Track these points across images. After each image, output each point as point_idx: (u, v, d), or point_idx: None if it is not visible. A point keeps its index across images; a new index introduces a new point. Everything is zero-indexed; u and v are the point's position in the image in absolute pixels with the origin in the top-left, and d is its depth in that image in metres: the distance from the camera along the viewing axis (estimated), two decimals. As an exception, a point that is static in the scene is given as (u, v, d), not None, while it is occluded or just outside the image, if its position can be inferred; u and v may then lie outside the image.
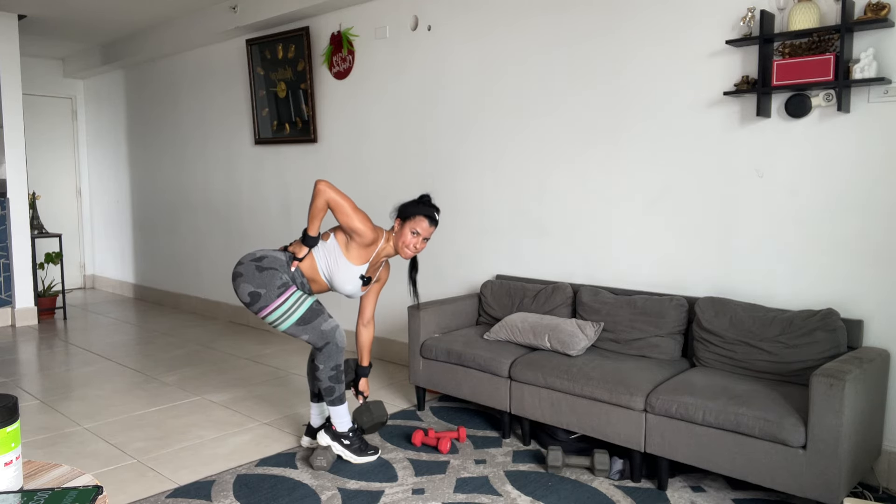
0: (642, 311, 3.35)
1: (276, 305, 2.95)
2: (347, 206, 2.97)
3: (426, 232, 3.12)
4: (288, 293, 2.97)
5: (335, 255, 3.07)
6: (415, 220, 3.11)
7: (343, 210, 2.96)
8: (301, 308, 2.99)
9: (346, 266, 3.07)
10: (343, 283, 3.10)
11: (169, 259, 7.24)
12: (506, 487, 2.88)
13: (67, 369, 4.79)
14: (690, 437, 2.73)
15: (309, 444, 3.30)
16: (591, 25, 3.71)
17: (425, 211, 3.13)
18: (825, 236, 3.01)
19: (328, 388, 3.09)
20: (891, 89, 2.81)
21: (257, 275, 2.97)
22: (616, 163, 3.67)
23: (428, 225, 3.13)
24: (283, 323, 2.98)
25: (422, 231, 3.11)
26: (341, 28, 5.03)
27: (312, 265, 3.09)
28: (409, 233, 3.10)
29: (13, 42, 6.14)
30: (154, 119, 7.25)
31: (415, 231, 3.10)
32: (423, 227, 3.11)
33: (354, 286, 3.13)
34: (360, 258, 3.08)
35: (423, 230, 3.11)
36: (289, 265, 3.05)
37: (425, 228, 3.12)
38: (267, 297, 2.95)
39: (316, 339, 3.02)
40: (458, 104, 4.39)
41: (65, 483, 1.39)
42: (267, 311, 2.96)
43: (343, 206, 2.96)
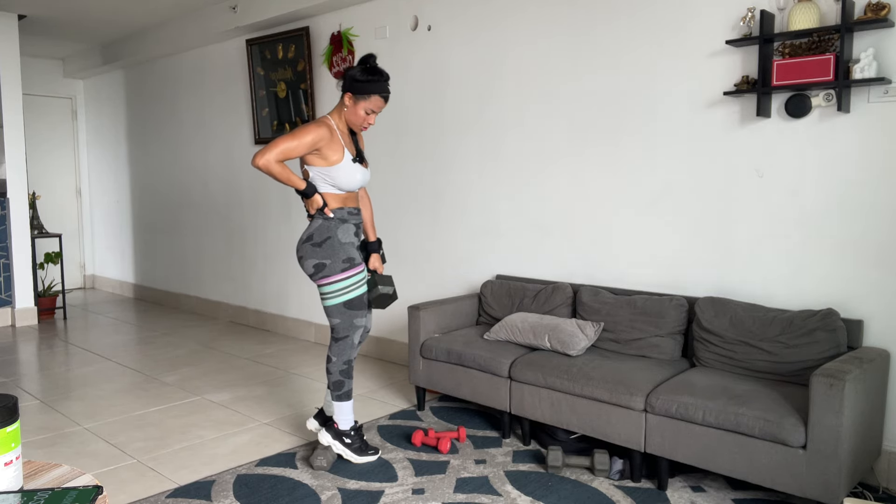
0: (642, 311, 3.35)
1: (338, 279, 2.98)
2: (290, 141, 2.86)
3: (380, 109, 3.00)
4: (353, 271, 3.00)
5: (324, 172, 2.98)
6: (369, 100, 2.95)
7: (291, 147, 2.86)
8: (355, 292, 3.01)
9: (337, 169, 2.98)
10: (350, 178, 3.01)
11: (169, 259, 7.24)
12: (506, 487, 2.89)
13: (67, 369, 4.79)
14: (690, 437, 2.73)
15: (314, 429, 3.26)
16: (590, 25, 3.71)
17: (380, 89, 2.95)
18: (825, 236, 3.01)
19: (338, 381, 3.09)
20: (891, 89, 2.81)
21: (317, 250, 2.98)
22: (616, 163, 3.67)
23: (383, 103, 2.98)
24: (334, 298, 2.99)
25: (377, 109, 2.98)
26: (341, 28, 5.03)
27: (331, 196, 3.01)
28: (362, 111, 2.97)
29: (13, 42, 6.14)
30: (154, 119, 7.25)
31: (369, 110, 2.97)
32: (378, 104, 2.97)
33: (360, 172, 3.04)
34: (336, 152, 2.97)
35: (377, 108, 2.98)
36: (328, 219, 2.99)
37: (380, 106, 2.98)
38: (332, 267, 2.97)
39: (343, 328, 3.04)
40: (457, 104, 4.39)
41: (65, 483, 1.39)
42: (328, 280, 2.98)
43: (287, 145, 2.86)
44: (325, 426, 3.18)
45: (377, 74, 2.96)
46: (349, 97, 2.98)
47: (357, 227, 3.09)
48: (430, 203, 4.60)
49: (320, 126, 2.94)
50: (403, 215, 4.77)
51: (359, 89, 2.95)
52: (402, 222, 4.78)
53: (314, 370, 4.70)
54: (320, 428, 3.24)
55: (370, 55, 2.98)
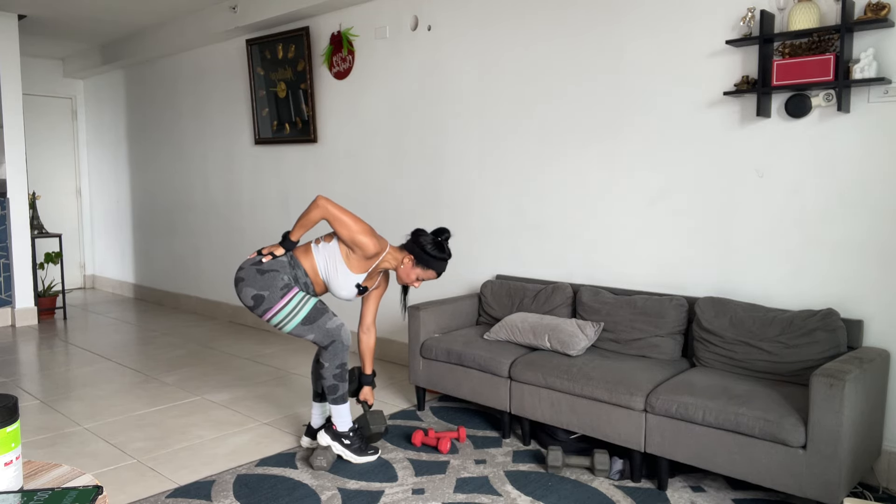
0: (642, 311, 3.35)
1: (280, 307, 2.94)
2: (349, 221, 2.95)
3: (430, 279, 3.15)
4: (291, 294, 2.97)
5: (335, 260, 3.05)
6: (427, 271, 3.10)
7: (345, 224, 2.95)
8: (305, 308, 2.98)
9: (344, 273, 3.06)
10: (339, 288, 3.09)
11: (169, 259, 7.24)
12: (506, 487, 2.88)
13: (67, 369, 4.79)
14: (690, 437, 2.73)
15: (308, 445, 3.30)
16: (590, 26, 3.71)
17: (439, 268, 3.10)
18: (825, 236, 3.01)
19: (332, 385, 3.09)
20: (891, 89, 2.81)
21: (259, 278, 2.96)
22: (616, 163, 3.67)
23: (435, 277, 3.14)
24: (288, 324, 2.97)
25: (427, 279, 3.13)
26: (341, 28, 5.03)
27: (313, 266, 3.08)
28: (415, 276, 3.11)
29: (13, 42, 6.14)
30: (154, 119, 7.24)
31: (421, 278, 3.12)
32: (431, 276, 3.13)
33: (349, 293, 3.12)
34: (359, 268, 3.06)
35: (428, 278, 3.13)
36: (290, 266, 3.03)
37: (431, 278, 3.14)
38: (270, 298, 2.94)
39: (321, 337, 3.02)
40: (457, 104, 4.39)
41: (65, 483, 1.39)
42: (271, 313, 2.95)
43: (344, 220, 2.95)
44: (322, 429, 3.18)
45: (444, 254, 3.08)
46: (410, 259, 3.08)
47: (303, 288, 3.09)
48: (430, 203, 4.60)
49: (376, 245, 3.00)
50: (403, 215, 4.77)
51: (423, 260, 3.07)
52: (402, 222, 4.78)
53: (314, 370, 4.70)
54: (314, 441, 3.26)
55: (445, 230, 3.08)
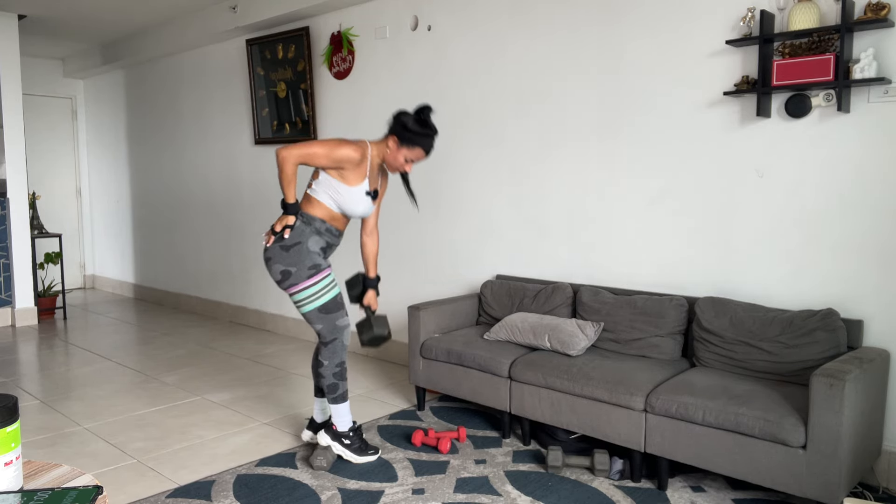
0: (642, 311, 3.35)
1: (306, 286, 2.96)
2: (317, 149, 2.89)
3: (419, 159, 3.05)
4: (320, 276, 2.98)
5: (334, 186, 2.99)
6: (413, 150, 3.00)
7: (318, 155, 2.89)
8: (327, 295, 3.00)
9: (348, 191, 2.99)
10: (355, 205, 3.03)
11: (169, 259, 7.24)
12: (506, 487, 2.88)
13: (67, 369, 4.79)
14: (690, 437, 2.73)
15: (309, 439, 3.29)
16: (590, 26, 3.71)
17: (425, 144, 3.00)
18: (825, 236, 3.01)
19: (332, 385, 3.09)
20: (891, 89, 2.81)
21: (285, 254, 2.97)
22: (616, 163, 3.67)
23: (424, 156, 3.04)
24: (308, 305, 2.99)
25: (416, 159, 3.03)
26: (341, 28, 5.03)
27: (323, 207, 3.03)
28: (402, 157, 3.01)
29: (13, 42, 6.14)
30: (154, 119, 7.25)
31: (409, 159, 3.02)
32: (419, 156, 3.02)
33: (365, 205, 3.05)
34: (356, 178, 2.99)
35: (417, 158, 3.03)
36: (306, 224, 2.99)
37: (420, 158, 3.04)
38: (297, 275, 2.96)
39: (328, 331, 3.03)
40: (457, 104, 4.39)
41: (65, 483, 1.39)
42: (296, 288, 2.97)
43: (315, 152, 2.89)
44: (323, 427, 3.18)
45: (428, 129, 2.99)
46: (394, 141, 3.01)
47: (329, 246, 3.09)
48: (430, 203, 4.60)
49: (357, 149, 2.95)
50: (403, 215, 4.77)
51: (406, 139, 2.98)
52: (403, 222, 4.78)
53: (314, 370, 4.70)
54: (314, 437, 3.26)
55: (427, 107, 2.99)
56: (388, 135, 3.03)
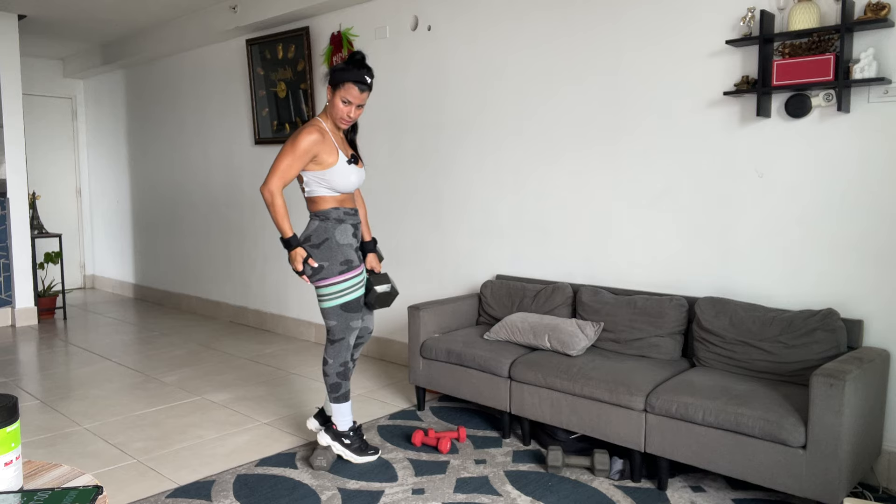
0: (642, 311, 3.35)
1: (335, 281, 2.98)
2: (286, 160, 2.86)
3: (358, 99, 2.93)
4: (350, 274, 3.00)
5: (320, 176, 2.97)
6: (344, 88, 2.90)
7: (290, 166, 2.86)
8: (352, 294, 3.01)
9: (332, 171, 2.96)
10: (345, 180, 2.99)
11: (169, 259, 7.24)
12: (506, 487, 2.88)
13: (67, 369, 4.79)
14: (690, 437, 2.73)
15: (314, 428, 3.26)
16: (590, 25, 3.71)
17: (353, 76, 2.89)
18: (825, 236, 3.01)
19: (335, 384, 3.09)
20: (891, 89, 2.81)
21: (315, 251, 2.98)
22: (616, 163, 3.67)
23: (358, 92, 2.92)
24: (331, 301, 2.99)
25: (353, 99, 2.92)
26: (341, 28, 5.03)
27: (326, 198, 3.01)
28: (339, 103, 2.93)
29: (13, 42, 6.14)
30: (154, 119, 7.24)
31: (345, 100, 2.92)
32: (354, 94, 2.91)
33: (356, 174, 3.03)
34: (330, 154, 2.95)
35: (353, 97, 2.92)
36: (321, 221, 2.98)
37: (356, 95, 2.92)
38: (329, 270, 2.97)
39: (339, 329, 3.04)
40: (457, 104, 4.39)
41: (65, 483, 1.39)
42: (325, 282, 2.98)
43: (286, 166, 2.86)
44: (324, 427, 3.17)
45: (352, 63, 2.93)
46: (328, 90, 2.97)
47: (355, 227, 3.09)
48: (431, 203, 4.60)
49: (311, 132, 2.91)
50: (403, 215, 4.77)
51: (333, 78, 2.94)
52: (403, 222, 4.78)
53: (314, 370, 4.70)
54: (320, 428, 3.24)
55: (358, 51, 2.98)
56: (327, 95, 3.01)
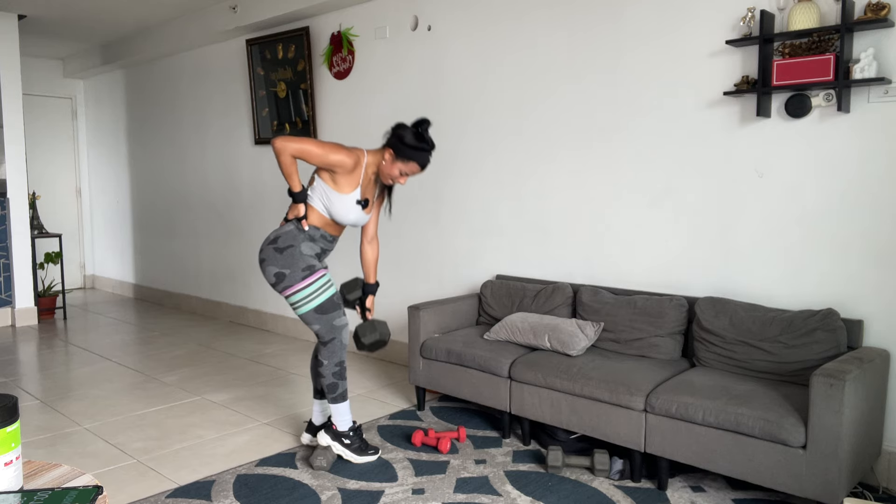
0: (642, 311, 3.35)
1: (301, 287, 2.97)
2: (315, 147, 2.90)
3: (414, 173, 3.05)
4: (314, 277, 2.98)
5: (326, 192, 3.01)
6: (408, 164, 3.00)
7: (312, 153, 2.90)
8: (323, 296, 3.00)
9: (339, 198, 3.00)
10: (344, 214, 3.04)
11: (169, 259, 7.24)
12: (506, 487, 2.88)
13: (67, 369, 4.79)
14: (690, 437, 2.73)
15: (309, 442, 3.30)
16: (589, 25, 3.71)
17: (421, 159, 3.00)
18: (825, 236, 3.01)
19: (331, 384, 3.09)
20: (891, 89, 2.81)
21: (279, 256, 2.98)
22: (616, 163, 3.67)
23: (419, 170, 3.04)
24: (304, 306, 2.99)
25: (410, 173, 3.03)
26: (341, 28, 5.03)
27: (316, 213, 3.04)
28: (397, 170, 3.01)
29: (13, 42, 6.14)
30: (154, 119, 7.25)
31: (404, 172, 3.02)
32: (413, 170, 3.02)
33: (356, 213, 3.06)
34: (349, 185, 3.00)
35: (411, 172, 3.03)
36: (300, 230, 3.01)
37: (415, 171, 3.03)
38: (292, 277, 2.96)
39: (325, 331, 3.03)
40: (457, 104, 4.39)
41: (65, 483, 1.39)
42: (291, 290, 2.97)
43: (310, 150, 2.89)
44: (323, 427, 3.18)
45: (425, 143, 2.99)
46: (390, 153, 3.01)
47: (323, 252, 3.11)
48: (431, 203, 4.60)
49: (351, 155, 2.96)
50: (404, 215, 4.77)
51: (402, 153, 2.98)
52: (403, 222, 4.78)
53: (314, 370, 4.70)
54: (314, 439, 3.26)
55: (425, 120, 2.99)
56: (385, 147, 3.04)
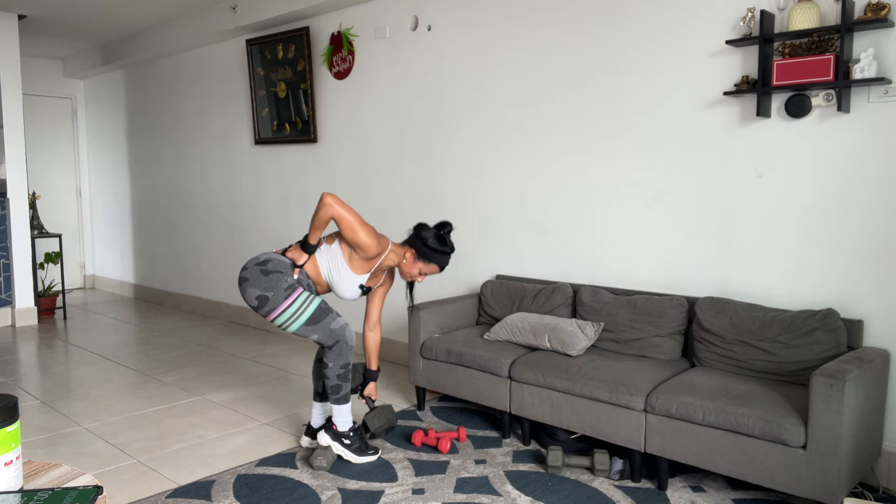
0: (642, 311, 3.35)
1: (285, 308, 2.95)
2: (354, 221, 2.94)
3: (433, 273, 3.16)
4: (295, 295, 2.97)
5: (337, 261, 3.07)
6: (428, 265, 3.11)
7: (349, 225, 2.94)
8: (309, 309, 2.98)
9: (347, 274, 3.07)
10: (343, 289, 3.11)
11: (169, 259, 7.24)
12: (506, 487, 2.88)
13: (67, 369, 4.79)
14: (690, 437, 2.73)
15: (308, 445, 3.30)
16: (590, 25, 3.71)
17: (442, 262, 3.11)
18: (825, 236, 3.01)
19: (335, 385, 3.09)
20: (891, 89, 2.81)
21: (263, 279, 2.96)
22: (616, 163, 3.67)
23: (438, 272, 3.15)
24: (293, 324, 2.98)
25: (430, 273, 3.14)
26: (341, 28, 5.03)
27: (315, 267, 3.09)
28: (417, 270, 3.12)
29: (13, 42, 6.14)
30: (154, 119, 7.25)
31: (423, 272, 3.13)
32: (433, 271, 3.14)
33: (353, 293, 3.13)
34: (362, 268, 3.08)
35: (431, 272, 3.14)
36: (291, 270, 3.05)
37: (434, 272, 3.14)
38: (275, 299, 2.95)
39: (326, 338, 3.03)
40: (457, 104, 4.39)
41: (65, 483, 1.39)
42: (275, 314, 2.96)
43: (349, 221, 2.94)
44: (322, 428, 3.18)
45: (446, 247, 3.08)
46: (412, 253, 3.09)
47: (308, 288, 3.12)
48: (431, 203, 4.60)
49: (378, 246, 3.01)
50: (404, 215, 4.77)
51: (424, 254, 3.08)
52: (403, 222, 4.78)
53: (314, 370, 4.70)
54: (313, 441, 3.27)
55: (447, 223, 3.09)
56: (407, 245, 3.11)
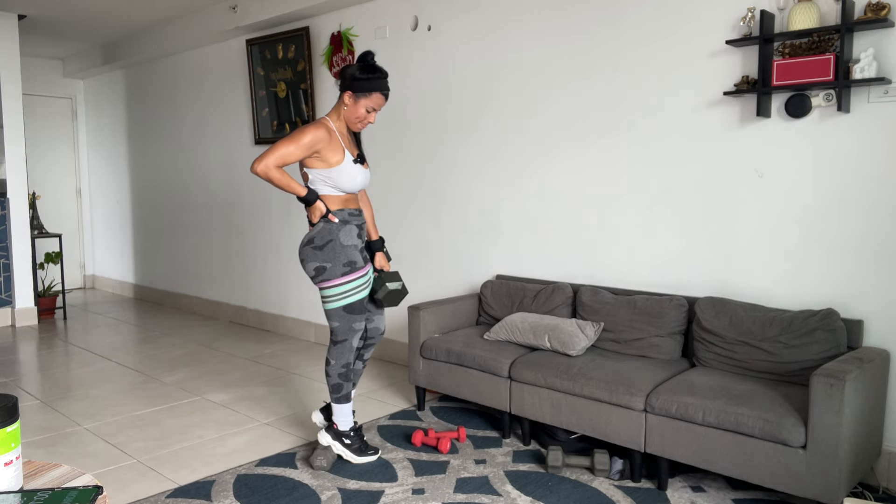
0: (642, 311, 3.35)
1: (339, 283, 2.97)
2: (287, 146, 2.85)
3: (381, 106, 2.99)
4: (354, 275, 2.98)
5: (325, 174, 2.96)
6: (371, 98, 2.94)
7: (290, 152, 2.85)
8: (356, 296, 3.01)
9: (338, 170, 2.96)
10: (352, 180, 2.99)
11: (169, 259, 7.24)
12: (506, 487, 2.88)
13: (67, 369, 4.79)
14: (690, 437, 2.73)
15: (319, 422, 3.26)
16: (590, 25, 3.71)
17: (381, 87, 2.93)
18: (825, 236, 3.01)
19: (336, 384, 3.09)
20: (891, 89, 2.81)
21: (318, 253, 2.97)
22: (616, 163, 3.67)
23: (384, 101, 2.98)
24: (334, 302, 2.99)
25: (378, 107, 2.97)
26: (341, 28, 5.03)
27: (331, 198, 3.00)
28: (363, 110, 2.96)
29: (13, 42, 6.14)
30: (154, 119, 7.25)
31: (370, 108, 2.96)
32: (380, 102, 2.97)
33: (361, 173, 3.02)
34: (337, 153, 2.95)
35: (378, 105, 2.97)
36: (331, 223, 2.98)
37: (381, 104, 2.98)
38: (332, 271, 2.96)
39: (342, 331, 3.04)
40: (457, 104, 4.39)
41: (65, 483, 1.39)
42: (329, 283, 2.97)
43: (286, 151, 2.85)
44: (326, 424, 3.17)
45: (377, 72, 2.94)
46: (349, 96, 2.96)
47: (360, 228, 3.08)
48: (431, 203, 4.60)
49: (319, 128, 2.92)
50: (404, 215, 4.77)
51: (359, 87, 2.93)
52: (403, 222, 4.78)
53: (314, 370, 4.70)
54: (325, 423, 3.24)
55: (368, 52, 2.96)
56: (341, 94, 2.99)
